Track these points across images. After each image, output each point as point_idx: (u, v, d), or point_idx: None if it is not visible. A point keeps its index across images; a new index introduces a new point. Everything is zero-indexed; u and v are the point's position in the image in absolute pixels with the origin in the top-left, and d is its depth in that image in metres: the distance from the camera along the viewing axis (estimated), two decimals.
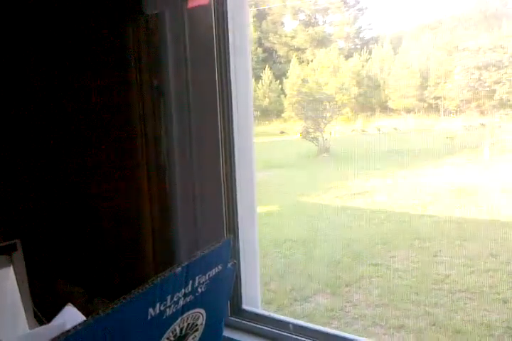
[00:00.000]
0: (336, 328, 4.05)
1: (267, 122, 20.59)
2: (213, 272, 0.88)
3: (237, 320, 1.38)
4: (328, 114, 13.49)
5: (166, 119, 1.13)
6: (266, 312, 1.39)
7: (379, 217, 6.96)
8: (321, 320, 4.12)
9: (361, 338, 1.32)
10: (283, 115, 19.57)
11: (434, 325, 3.96)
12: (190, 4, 0.98)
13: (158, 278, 0.76)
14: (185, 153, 1.21)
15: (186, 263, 0.81)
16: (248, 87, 1.36)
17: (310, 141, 13.61)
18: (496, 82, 11.61)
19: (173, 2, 1.08)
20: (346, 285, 4.75)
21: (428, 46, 20.32)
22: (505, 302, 4.18)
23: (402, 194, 8.25)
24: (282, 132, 17.70)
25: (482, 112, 12.79)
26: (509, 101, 11.65)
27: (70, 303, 1.00)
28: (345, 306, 4.35)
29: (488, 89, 11.65)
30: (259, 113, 20.98)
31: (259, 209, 7.95)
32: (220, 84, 1.25)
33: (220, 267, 0.90)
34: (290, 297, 4.56)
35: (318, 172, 11.06)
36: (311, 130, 13.29)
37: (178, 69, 1.13)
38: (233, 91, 1.29)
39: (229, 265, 0.94)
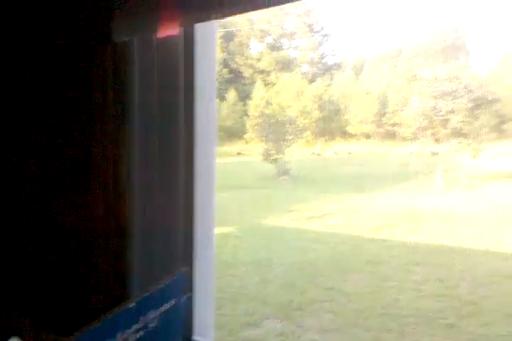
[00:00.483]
0: None
1: (228, 143, 20.67)
2: (166, 306, 0.87)
3: None
4: (290, 137, 13.72)
5: (129, 143, 1.14)
6: None
7: (334, 240, 7.06)
8: None
9: None
10: (245, 136, 19.72)
11: None
12: (161, 34, 1.00)
13: (109, 315, 0.75)
14: (146, 177, 1.21)
15: (138, 298, 0.80)
16: (212, 114, 1.40)
17: (270, 162, 13.76)
18: (451, 112, 12.12)
19: (142, 31, 1.10)
20: (299, 309, 4.76)
21: (388, 74, 21.04)
22: (451, 327, 4.30)
23: (357, 217, 8.41)
24: (239, 153, 17.75)
25: (437, 140, 13.29)
26: (462, 130, 12.15)
27: (16, 336, 0.98)
28: (296, 331, 4.36)
29: (442, 117, 12.15)
30: (222, 133, 21.07)
31: (217, 230, 7.90)
32: (185, 109, 1.27)
33: (173, 301, 0.89)
34: (242, 321, 4.53)
35: (277, 195, 11.16)
36: (271, 152, 13.47)
37: (144, 95, 1.15)
38: (197, 116, 1.32)
39: (183, 298, 0.93)
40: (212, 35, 1.33)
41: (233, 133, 20.22)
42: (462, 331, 4.19)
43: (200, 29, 1.24)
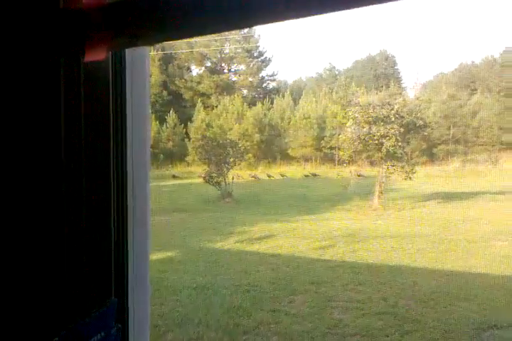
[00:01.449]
0: None
1: (170, 165, 20.48)
2: (95, 339, 0.81)
3: None
4: (231, 159, 13.80)
5: (57, 169, 1.09)
6: None
7: (277, 261, 7.09)
8: None
9: None
10: (187, 159, 19.64)
11: None
12: (87, 58, 0.99)
13: None
14: (75, 208, 1.17)
15: (63, 332, 0.74)
16: (145, 136, 1.38)
17: (213, 185, 13.72)
18: (383, 136, 12.69)
19: (68, 52, 1.08)
20: (245, 333, 4.71)
21: (324, 99, 21.83)
22: None
23: (299, 239, 8.52)
24: (174, 176, 17.58)
25: (372, 163, 13.85)
26: (395, 153, 12.74)
27: None
28: None
29: (376, 141, 12.69)
30: (162, 156, 20.85)
31: (159, 255, 7.71)
32: (115, 134, 1.25)
33: (102, 333, 0.84)
34: None
35: (220, 217, 11.11)
36: (214, 174, 13.45)
37: (71, 117, 1.12)
38: (129, 141, 1.30)
39: (113, 330, 0.87)
40: (144, 57, 1.34)
41: (175, 156, 20.06)
42: None
43: (131, 53, 1.25)
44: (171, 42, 25.68)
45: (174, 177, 17.69)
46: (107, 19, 0.86)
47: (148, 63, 1.40)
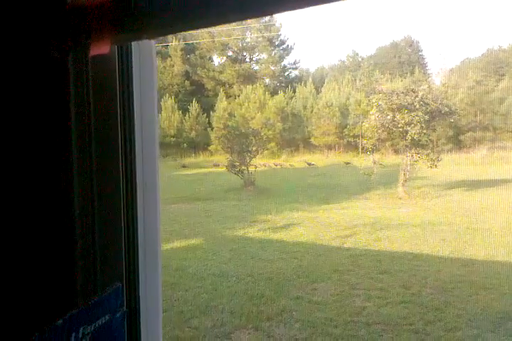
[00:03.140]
0: None
1: (193, 155, 20.63)
2: (100, 322, 0.84)
3: None
4: (254, 148, 13.83)
5: (66, 163, 1.13)
6: None
7: (300, 250, 7.12)
8: None
9: None
10: (209, 148, 19.74)
11: None
12: (93, 52, 1.01)
13: (36, 333, 0.72)
14: (86, 200, 1.21)
15: (68, 314, 0.77)
16: (153, 127, 1.41)
17: (235, 174, 13.79)
18: (408, 124, 12.50)
19: (75, 48, 1.11)
20: (268, 320, 4.77)
21: (347, 87, 21.57)
22: (416, 332, 4.40)
23: (322, 227, 8.52)
24: (196, 165, 17.76)
25: (396, 151, 13.69)
26: (420, 141, 12.55)
27: None
28: None
29: (401, 129, 12.52)
30: (185, 145, 20.99)
31: (183, 243, 7.82)
32: (122, 126, 1.28)
33: (107, 317, 0.86)
34: (212, 333, 4.49)
35: (243, 206, 11.17)
36: (236, 163, 13.51)
37: (79, 112, 1.16)
38: (137, 133, 1.33)
39: (118, 314, 0.90)
40: (150, 51, 1.35)
41: (197, 145, 20.20)
42: (428, 336, 4.29)
43: (137, 45, 1.27)
44: (192, 32, 25.67)
45: (197, 166, 17.84)
46: (111, 14, 0.89)
47: (155, 55, 1.42)
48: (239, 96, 21.71)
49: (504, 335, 4.26)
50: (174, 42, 24.85)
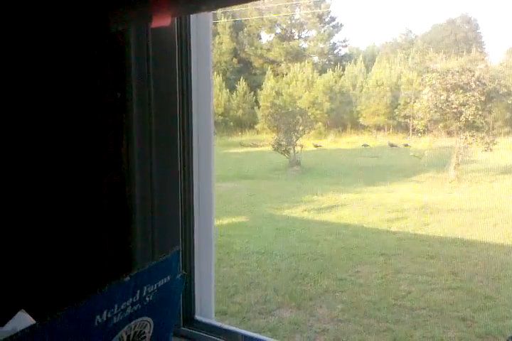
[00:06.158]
0: None
1: (240, 133, 20.66)
2: (161, 282, 0.90)
3: (189, 330, 1.40)
4: (301, 128, 13.68)
5: (127, 132, 1.16)
6: (217, 323, 1.41)
7: (345, 232, 7.07)
8: (283, 334, 4.13)
9: None
10: (256, 126, 19.69)
11: None
12: (154, 24, 1.02)
13: (106, 287, 0.78)
14: (145, 165, 1.23)
15: (135, 272, 0.83)
16: (209, 101, 1.41)
17: (281, 153, 13.72)
18: (463, 104, 11.99)
19: (137, 21, 1.12)
20: (310, 299, 4.79)
21: (399, 65, 20.85)
22: (463, 320, 4.30)
23: (368, 210, 8.39)
24: (243, 144, 17.75)
25: (449, 133, 13.18)
26: (475, 122, 12.04)
27: (22, 309, 1.01)
28: (309, 320, 4.39)
29: (455, 110, 12.03)
30: (232, 123, 21.04)
31: (229, 220, 7.92)
32: (181, 98, 1.30)
33: (168, 278, 0.92)
34: (255, 309, 4.56)
35: (288, 186, 11.15)
36: (283, 143, 13.44)
37: (140, 84, 1.17)
38: (194, 105, 1.34)
39: (178, 276, 0.95)
40: (207, 25, 1.35)
41: (244, 123, 20.20)
42: (475, 324, 4.19)
43: (195, 19, 1.27)
44: (241, 8, 25.39)
45: (243, 144, 17.90)
46: None
47: (211, 29, 1.41)
48: (286, 74, 21.44)
49: None
50: (223, 20, 24.72)
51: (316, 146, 14.70)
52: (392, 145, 16.04)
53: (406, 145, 15.49)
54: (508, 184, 10.47)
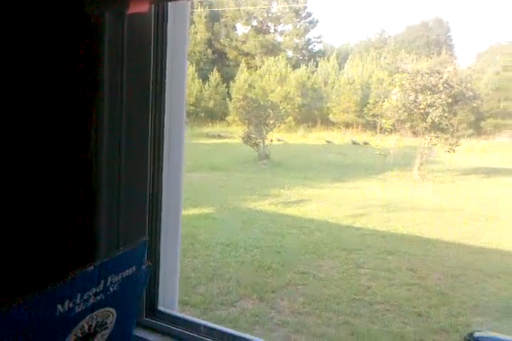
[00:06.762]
0: (259, 335, 4.11)
1: (210, 124, 20.58)
2: (127, 273, 0.90)
3: (151, 320, 1.40)
4: (271, 122, 13.74)
5: (97, 119, 1.13)
6: (180, 314, 1.41)
7: (310, 226, 7.15)
8: (244, 326, 4.16)
9: None
10: (227, 118, 19.65)
11: (352, 334, 4.12)
12: (131, 10, 0.99)
13: (69, 276, 0.78)
14: (114, 153, 1.21)
15: (99, 262, 0.83)
16: (182, 90, 1.40)
17: (251, 146, 13.76)
18: (430, 106, 12.26)
19: (114, 5, 1.09)
20: (273, 292, 4.83)
21: (371, 64, 21.13)
22: (419, 315, 4.43)
23: (333, 205, 8.52)
24: (213, 135, 17.70)
25: (415, 133, 13.47)
26: (440, 124, 12.34)
27: None
28: (270, 312, 4.43)
29: (422, 111, 12.29)
30: (203, 114, 20.92)
31: (195, 211, 7.88)
32: (154, 86, 1.28)
33: (133, 268, 0.92)
34: (217, 301, 4.58)
35: (256, 179, 11.20)
36: (253, 136, 13.47)
37: (113, 68, 1.15)
38: (167, 93, 1.32)
39: (143, 267, 0.96)
40: (185, 14, 1.33)
41: (215, 115, 20.11)
42: (430, 320, 4.32)
43: (173, 7, 1.25)
44: None
45: (213, 136, 17.82)
46: None
47: (188, 19, 1.39)
48: (260, 67, 21.43)
49: (506, 324, 4.28)
50: (199, 9, 24.44)
51: (279, 140, 14.80)
52: (354, 143, 16.35)
53: (366, 143, 15.82)
54: (468, 185, 10.81)
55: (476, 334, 1.00)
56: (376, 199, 9.08)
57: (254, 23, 27.03)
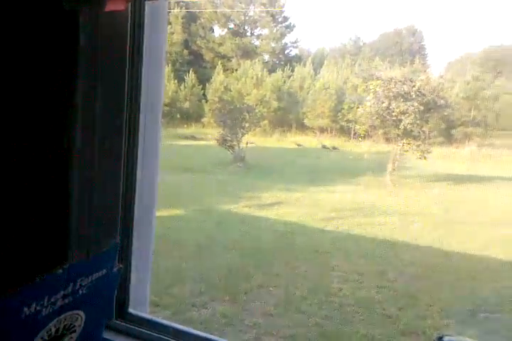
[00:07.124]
0: (231, 336, 4.12)
1: (185, 125, 20.46)
2: (96, 275, 0.90)
3: (121, 323, 1.38)
4: (247, 125, 13.78)
5: (71, 117, 1.11)
6: (150, 317, 1.40)
7: (284, 229, 7.20)
8: (215, 327, 4.16)
9: None
10: (202, 120, 19.58)
11: (323, 335, 4.17)
12: (107, 8, 0.99)
13: (37, 278, 0.77)
14: (87, 152, 1.19)
15: (67, 265, 0.83)
16: (159, 89, 1.39)
17: (226, 148, 13.75)
18: (402, 113, 12.50)
19: (91, 1, 1.08)
20: (245, 293, 4.85)
21: (346, 71, 21.42)
22: (389, 317, 4.51)
23: (307, 208, 8.59)
24: (188, 136, 17.58)
25: (387, 139, 13.71)
26: (412, 131, 12.58)
27: None
28: (241, 314, 4.44)
29: (394, 118, 12.52)
30: (178, 115, 20.80)
31: (168, 212, 7.81)
32: (130, 84, 1.27)
33: (104, 271, 0.92)
34: (189, 302, 4.56)
35: (231, 181, 11.19)
36: (228, 138, 13.47)
37: (87, 68, 1.13)
38: (143, 92, 1.31)
39: (114, 269, 0.95)
40: (163, 14, 1.33)
41: (190, 116, 20.01)
42: (399, 322, 4.40)
43: (150, 6, 1.25)
44: (195, 0, 25.03)
45: (188, 137, 17.73)
46: None
47: (166, 17, 1.39)
48: (237, 70, 21.45)
49: (469, 325, 4.40)
50: (176, 10, 24.31)
51: (250, 143, 14.85)
52: (324, 147, 16.57)
53: (334, 147, 16.06)
54: (437, 191, 11.05)
55: (446, 339, 1.02)
56: (349, 203, 9.20)
57: (231, 25, 27.04)
